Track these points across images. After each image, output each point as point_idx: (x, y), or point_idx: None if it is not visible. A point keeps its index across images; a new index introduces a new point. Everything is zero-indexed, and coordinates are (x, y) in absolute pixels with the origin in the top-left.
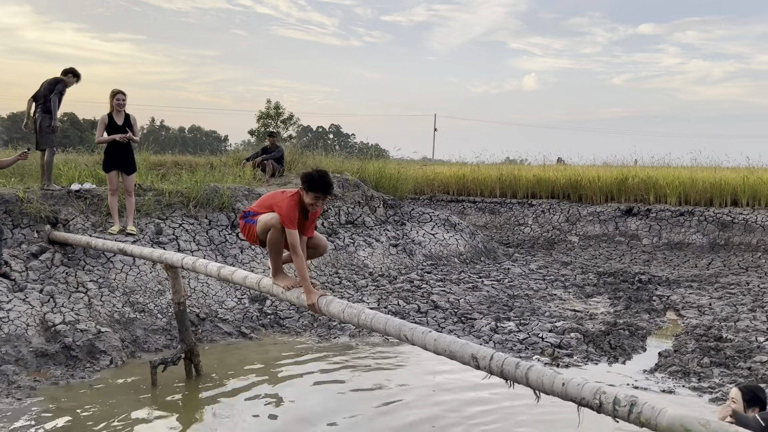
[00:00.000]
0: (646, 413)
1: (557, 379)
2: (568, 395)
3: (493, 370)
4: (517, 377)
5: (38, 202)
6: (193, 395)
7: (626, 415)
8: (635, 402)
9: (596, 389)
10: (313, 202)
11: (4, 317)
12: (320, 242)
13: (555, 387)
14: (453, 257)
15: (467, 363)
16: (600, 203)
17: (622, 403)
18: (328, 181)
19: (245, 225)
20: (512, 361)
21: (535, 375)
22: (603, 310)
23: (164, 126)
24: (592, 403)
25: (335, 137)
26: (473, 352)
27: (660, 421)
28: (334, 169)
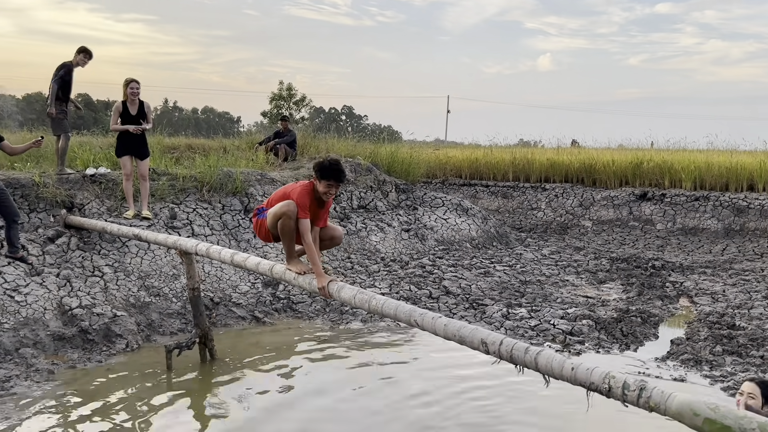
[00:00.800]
0: (655, 398)
1: (566, 363)
2: (577, 380)
3: (502, 355)
4: (526, 362)
5: (54, 186)
6: (207, 379)
7: (635, 400)
8: (644, 387)
9: (605, 374)
10: (326, 191)
11: (22, 301)
12: (335, 233)
13: (564, 372)
14: (465, 242)
15: (477, 348)
16: (614, 188)
17: (631, 388)
18: (340, 168)
19: (257, 222)
20: (521, 346)
21: (544, 360)
22: (615, 297)
23: (177, 107)
24: (601, 388)
25: (348, 119)
26: (483, 337)
27: (669, 406)
28: (347, 153)
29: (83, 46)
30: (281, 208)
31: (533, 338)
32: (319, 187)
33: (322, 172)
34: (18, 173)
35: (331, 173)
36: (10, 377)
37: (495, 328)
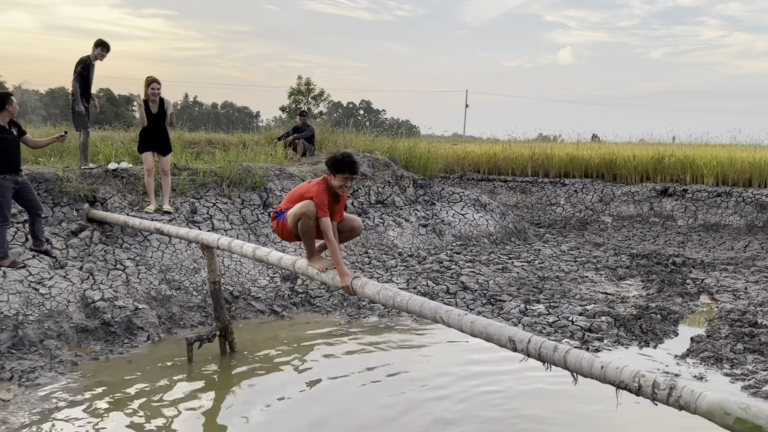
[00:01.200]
0: (685, 397)
1: (596, 362)
2: (607, 378)
3: (530, 353)
4: (555, 360)
5: (77, 180)
6: (227, 371)
7: (665, 399)
8: (674, 386)
9: (635, 373)
10: (341, 184)
11: (46, 293)
12: (354, 223)
13: (594, 370)
14: (483, 238)
15: (504, 345)
16: (635, 183)
17: (661, 387)
18: (352, 160)
19: (278, 224)
20: (550, 345)
21: (573, 358)
22: (635, 293)
23: (197, 102)
24: (631, 387)
25: (366, 113)
26: (510, 335)
27: (699, 405)
28: (364, 148)
29: (100, 39)
30: (301, 208)
31: (551, 335)
32: (334, 182)
33: (336, 166)
34: (42, 168)
35: (345, 166)
36: (35, 368)
37: (512, 324)
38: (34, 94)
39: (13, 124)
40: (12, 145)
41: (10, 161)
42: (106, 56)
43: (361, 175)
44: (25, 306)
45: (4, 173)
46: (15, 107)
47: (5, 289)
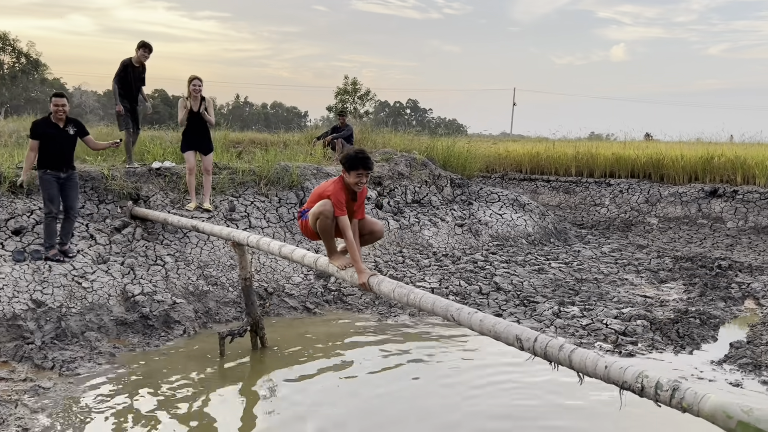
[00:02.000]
0: (688, 399)
1: (600, 362)
2: (610, 378)
3: (536, 352)
4: (560, 359)
5: (122, 179)
6: (257, 366)
7: (668, 400)
8: (677, 387)
9: (638, 373)
10: (356, 181)
11: (88, 287)
12: (375, 227)
13: (598, 370)
14: (521, 238)
15: (511, 344)
16: (683, 183)
17: (664, 388)
18: (365, 156)
19: (302, 223)
20: (556, 344)
21: (578, 358)
22: (675, 297)
23: (248, 102)
24: (634, 387)
25: (412, 112)
26: (517, 334)
27: (702, 407)
28: (402, 147)
29: (142, 41)
30: (319, 207)
31: (583, 337)
32: (349, 179)
33: (350, 163)
34: (89, 166)
35: (358, 162)
36: (75, 358)
37: (545, 326)
38: (92, 95)
39: (71, 123)
40: (56, 141)
41: (54, 157)
42: (149, 56)
43: (397, 174)
44: (68, 299)
45: (46, 168)
46: (52, 106)
47: (50, 282)
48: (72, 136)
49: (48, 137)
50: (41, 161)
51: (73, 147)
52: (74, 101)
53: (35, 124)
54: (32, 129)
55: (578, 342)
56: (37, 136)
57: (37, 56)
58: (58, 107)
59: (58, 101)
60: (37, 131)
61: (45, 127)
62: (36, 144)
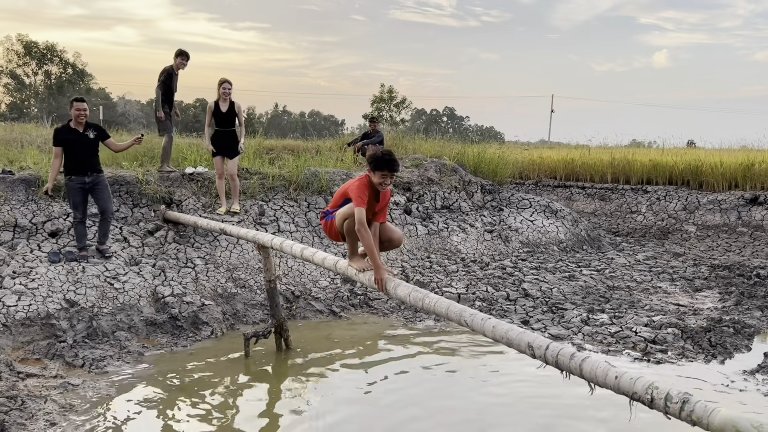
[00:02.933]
0: (698, 411)
1: (611, 372)
2: (620, 389)
3: (548, 360)
4: (571, 368)
5: (156, 183)
6: (280, 367)
7: (677, 413)
8: (688, 400)
9: (648, 384)
10: (381, 181)
11: (120, 288)
12: (394, 234)
13: (608, 380)
14: (552, 245)
15: (523, 351)
16: (722, 190)
17: (674, 400)
18: (391, 158)
19: (326, 223)
20: (567, 352)
21: (589, 367)
22: (710, 306)
23: (286, 111)
24: (643, 398)
25: (449, 120)
26: (529, 341)
27: (712, 421)
28: (433, 153)
29: (179, 49)
30: (348, 209)
31: (611, 345)
32: (374, 179)
33: (376, 163)
34: (124, 171)
35: (384, 163)
36: (105, 357)
37: (572, 333)
38: (135, 104)
39: (91, 128)
40: (78, 147)
41: (76, 163)
42: (187, 64)
43: (427, 180)
44: (100, 299)
45: (71, 174)
46: (73, 111)
47: (83, 283)
48: (93, 140)
49: (70, 143)
50: (66, 168)
51: (96, 151)
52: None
53: (57, 131)
54: (54, 136)
55: (606, 350)
56: (59, 142)
57: (83, 66)
58: (79, 111)
59: (79, 105)
60: (58, 138)
61: (66, 133)
62: (59, 151)
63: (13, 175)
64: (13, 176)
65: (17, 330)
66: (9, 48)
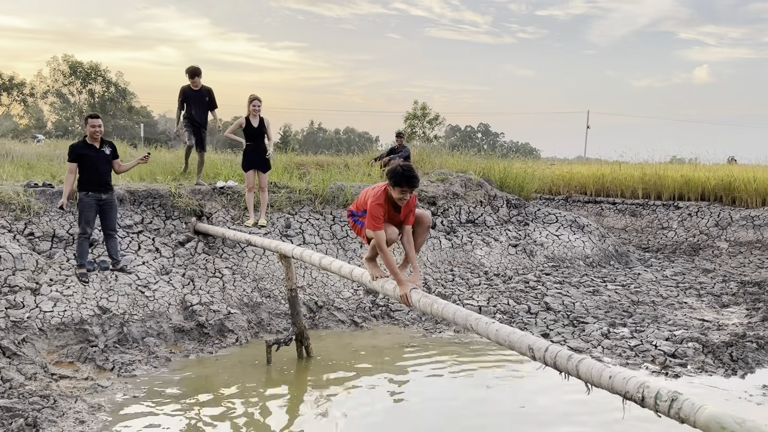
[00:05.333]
0: (685, 409)
1: (605, 372)
2: (614, 388)
3: (547, 361)
4: (568, 369)
5: (187, 197)
6: (301, 374)
7: (667, 410)
8: (676, 398)
9: (640, 384)
10: (400, 197)
11: (150, 296)
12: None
13: (602, 380)
14: (578, 260)
15: (524, 353)
16: (755, 206)
17: (663, 398)
18: (411, 174)
19: (354, 224)
20: (565, 354)
21: (585, 368)
22: (735, 321)
23: (321, 128)
24: (635, 397)
25: (483, 136)
26: (530, 344)
27: (698, 418)
28: (459, 168)
29: (187, 67)
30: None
31: (630, 358)
32: (393, 194)
33: (395, 179)
34: (158, 185)
35: (402, 179)
36: (134, 361)
37: (591, 347)
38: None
39: (107, 144)
40: (95, 163)
41: (94, 179)
42: (198, 79)
43: (452, 195)
44: (131, 306)
45: (87, 190)
46: (89, 127)
47: (116, 291)
48: (108, 156)
49: (87, 159)
50: (82, 184)
51: (111, 168)
52: (159, 128)
53: (73, 147)
54: (70, 152)
55: (624, 363)
56: (75, 158)
57: (125, 86)
58: (95, 128)
59: (94, 122)
60: (75, 153)
61: (83, 149)
62: (75, 167)
63: (53, 188)
64: (53, 189)
65: (52, 334)
66: (55, 68)
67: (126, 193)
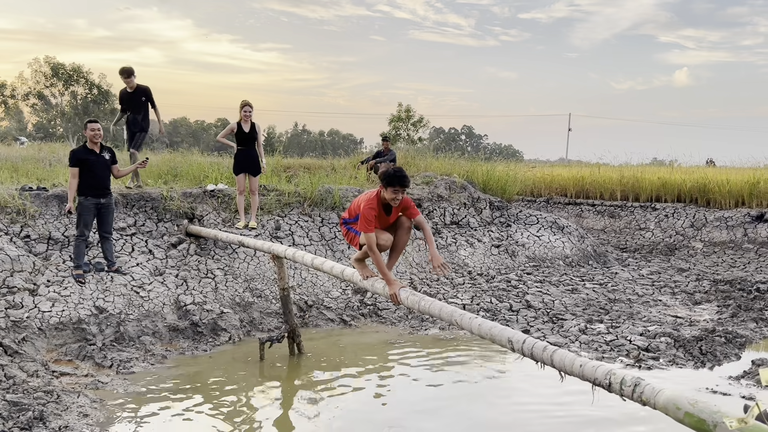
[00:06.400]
0: (647, 393)
1: (576, 361)
2: (584, 376)
3: (525, 352)
4: (543, 359)
5: (179, 200)
6: (293, 370)
7: (630, 394)
8: (638, 383)
9: (608, 371)
10: (393, 197)
11: (145, 296)
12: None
13: (574, 368)
14: (558, 260)
15: (504, 345)
16: (729, 208)
17: (627, 384)
18: (402, 175)
19: (347, 232)
20: (540, 345)
21: (558, 357)
22: (707, 318)
23: (306, 130)
24: (603, 383)
25: (467, 138)
26: (509, 336)
27: (657, 400)
28: (443, 171)
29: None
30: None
31: (606, 352)
32: (386, 195)
33: (388, 180)
34: (150, 188)
35: (395, 180)
36: (131, 359)
37: (569, 342)
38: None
39: (106, 149)
40: (96, 167)
41: (93, 183)
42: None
43: (437, 197)
44: (127, 306)
45: (87, 194)
46: (88, 131)
47: (112, 291)
48: (108, 161)
49: (88, 164)
50: (82, 188)
51: (110, 172)
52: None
53: (74, 152)
54: (71, 157)
55: (600, 356)
56: (77, 163)
57: (108, 87)
58: (94, 132)
59: (93, 126)
60: (77, 158)
61: (84, 153)
62: (77, 171)
63: (47, 192)
64: (47, 192)
65: (51, 333)
66: (37, 70)
67: (119, 196)
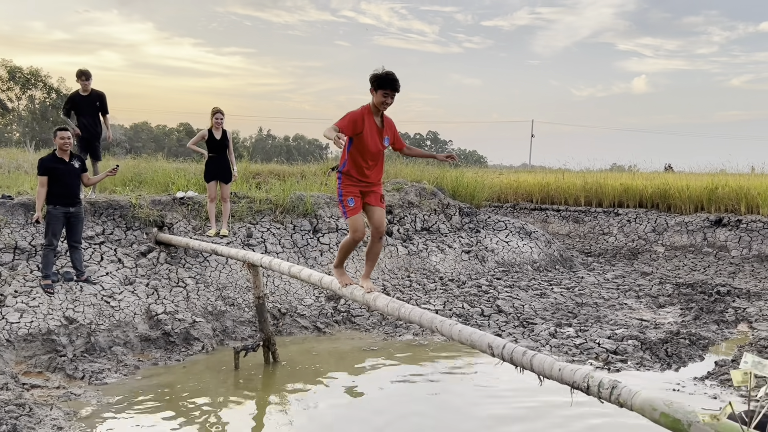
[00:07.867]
0: (624, 395)
1: (555, 365)
2: (563, 379)
3: (504, 357)
4: (523, 363)
5: (147, 207)
6: (269, 379)
7: (608, 397)
8: (616, 385)
9: (586, 374)
10: (382, 101)
11: (116, 306)
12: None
13: (553, 372)
14: (526, 265)
15: (484, 351)
16: (689, 213)
17: (605, 386)
18: (394, 77)
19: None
20: (520, 350)
21: (537, 362)
22: (671, 320)
23: (270, 135)
24: (581, 386)
25: (432, 144)
26: (489, 342)
27: (634, 402)
28: (413, 177)
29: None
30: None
31: (576, 355)
32: (375, 99)
33: (379, 82)
34: (118, 196)
35: (387, 82)
36: (103, 370)
37: (540, 345)
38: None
39: (75, 158)
40: (65, 176)
41: (63, 192)
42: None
43: (407, 204)
44: (97, 316)
45: (56, 203)
46: (58, 140)
47: (81, 301)
48: (77, 169)
49: (57, 172)
50: (51, 197)
51: (80, 181)
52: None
53: (42, 161)
54: (39, 165)
55: (570, 359)
56: (45, 171)
57: (67, 92)
58: (64, 140)
59: (63, 135)
60: (45, 166)
61: (53, 162)
62: (45, 180)
63: (12, 200)
64: (12, 201)
65: (20, 345)
66: None
67: (87, 204)
